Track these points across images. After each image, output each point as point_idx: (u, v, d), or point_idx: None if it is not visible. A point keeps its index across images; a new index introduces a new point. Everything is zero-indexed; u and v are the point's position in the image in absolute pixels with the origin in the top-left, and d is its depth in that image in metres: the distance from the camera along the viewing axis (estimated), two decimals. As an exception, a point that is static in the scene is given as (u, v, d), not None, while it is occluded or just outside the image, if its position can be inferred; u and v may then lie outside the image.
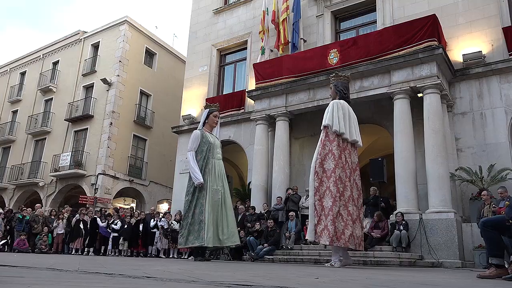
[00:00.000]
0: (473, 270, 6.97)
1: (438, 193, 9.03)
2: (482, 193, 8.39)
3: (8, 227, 13.62)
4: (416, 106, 9.99)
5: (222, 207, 6.63)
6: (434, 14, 10.09)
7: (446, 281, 3.09)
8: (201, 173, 6.57)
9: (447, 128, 10.15)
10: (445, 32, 10.59)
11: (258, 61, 13.54)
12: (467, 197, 9.73)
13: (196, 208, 6.48)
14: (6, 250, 12.88)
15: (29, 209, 14.35)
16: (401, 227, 8.84)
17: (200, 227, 6.38)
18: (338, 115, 5.99)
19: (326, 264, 5.95)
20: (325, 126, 6.01)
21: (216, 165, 6.84)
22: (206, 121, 7.15)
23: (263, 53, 13.84)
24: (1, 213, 13.80)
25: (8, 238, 13.49)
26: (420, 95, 9.93)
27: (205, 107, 7.46)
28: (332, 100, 6.40)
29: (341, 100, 6.27)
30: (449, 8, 11.17)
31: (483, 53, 10.43)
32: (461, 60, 10.60)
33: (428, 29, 9.86)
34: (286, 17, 13.52)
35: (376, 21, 12.61)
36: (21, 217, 13.41)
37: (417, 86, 9.80)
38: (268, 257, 9.81)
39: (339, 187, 5.67)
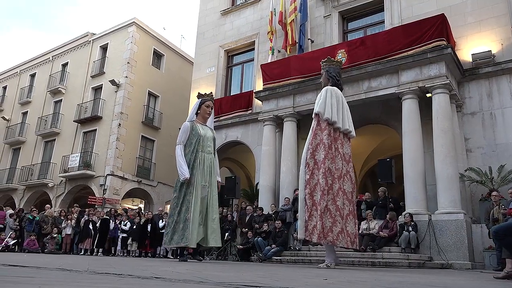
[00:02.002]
0: (483, 271, 6.91)
1: (447, 193, 8.96)
2: (492, 194, 8.30)
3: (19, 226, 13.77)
4: (425, 106, 9.92)
5: (209, 205, 6.20)
6: (443, 14, 10.02)
7: (456, 282, 3.06)
8: (189, 167, 6.16)
9: (456, 128, 10.07)
10: (454, 31, 10.52)
11: (268, 61, 13.56)
12: (476, 198, 9.64)
13: (183, 206, 6.08)
14: (16, 250, 13.01)
15: (35, 210, 14.47)
16: (410, 228, 8.78)
17: (185, 225, 5.97)
18: (331, 103, 5.52)
19: (321, 265, 5.41)
20: (316, 114, 5.55)
21: (206, 159, 6.35)
22: (198, 111, 6.63)
23: (273, 53, 13.86)
24: (12, 213, 13.94)
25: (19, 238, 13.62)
26: (429, 95, 9.87)
27: (198, 97, 6.88)
28: (323, 86, 5.91)
29: (334, 87, 5.82)
30: (457, 7, 11.09)
31: (492, 52, 10.33)
32: (470, 60, 10.52)
33: (436, 28, 9.79)
34: (294, 18, 13.52)
35: (384, 21, 12.56)
36: (31, 218, 13.55)
37: (425, 86, 9.73)
38: (276, 258, 9.80)
39: (328, 180, 5.20)
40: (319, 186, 5.20)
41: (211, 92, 7.11)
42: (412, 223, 8.83)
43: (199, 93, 6.98)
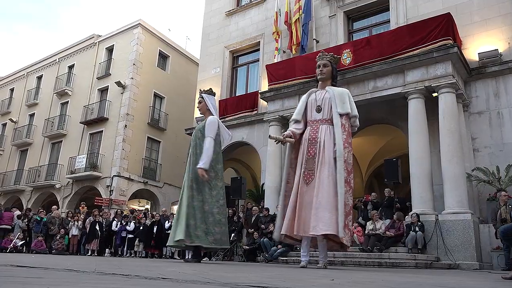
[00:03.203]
0: (491, 272, 6.87)
1: (454, 193, 8.91)
2: (501, 193, 8.24)
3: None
4: (431, 106, 9.87)
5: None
6: (449, 13, 9.97)
7: (465, 283, 3.04)
8: None
9: (463, 128, 10.01)
10: (460, 30, 10.46)
11: (273, 62, 13.56)
12: (484, 197, 9.58)
13: None
14: (24, 250, 13.11)
15: (43, 211, 14.57)
16: (417, 228, 8.74)
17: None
18: None
19: (320, 265, 5.16)
20: (349, 115, 5.15)
21: (191, 157, 6.04)
22: None
23: (279, 53, 13.87)
24: (20, 215, 14.04)
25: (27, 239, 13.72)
26: (435, 94, 9.82)
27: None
28: (324, 80, 5.54)
29: None
30: (463, 6, 11.03)
31: (499, 51, 10.26)
32: (477, 59, 10.45)
33: (442, 27, 9.74)
34: (298, 18, 13.51)
35: (389, 21, 12.52)
36: (39, 219, 13.65)
37: (432, 85, 9.68)
38: (282, 258, 9.79)
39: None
40: (351, 190, 4.99)
41: (200, 89, 6.84)
42: (419, 223, 8.79)
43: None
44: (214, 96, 6.50)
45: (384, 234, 9.23)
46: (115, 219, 13.94)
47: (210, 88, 6.62)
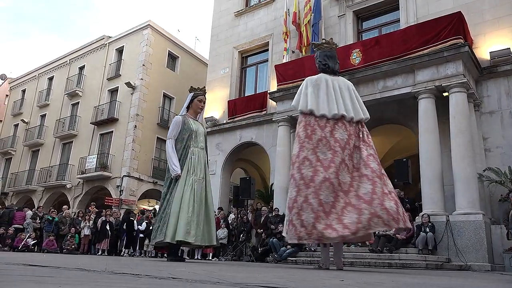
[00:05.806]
0: (503, 273, 6.78)
1: (465, 194, 8.82)
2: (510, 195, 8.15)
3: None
4: (442, 106, 9.78)
5: (203, 201, 5.80)
6: (460, 11, 9.87)
7: (476, 285, 3.01)
8: (179, 162, 5.77)
9: (474, 128, 9.90)
10: (471, 29, 10.35)
11: (282, 62, 13.55)
12: (496, 198, 9.47)
13: (170, 202, 5.65)
14: (36, 250, 13.27)
15: (54, 211, 14.71)
16: (427, 229, 8.67)
17: (164, 220, 5.59)
18: (308, 92, 5.17)
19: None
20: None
21: (199, 154, 6.00)
22: (190, 105, 6.25)
23: (288, 53, 13.86)
24: (32, 214, 14.20)
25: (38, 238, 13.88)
26: (445, 94, 9.73)
27: (190, 91, 6.41)
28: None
29: (318, 75, 5.41)
30: (475, 5, 10.92)
31: (511, 50, 10.14)
32: (488, 58, 10.34)
33: (453, 26, 9.65)
34: (310, 19, 13.48)
35: (399, 20, 12.43)
36: (50, 218, 13.81)
37: (442, 85, 9.60)
38: (291, 259, 9.78)
39: (304, 173, 4.50)
40: (294, 182, 4.59)
41: (204, 87, 6.81)
42: (430, 224, 8.72)
43: (191, 87, 6.64)
44: (193, 92, 6.35)
45: (394, 236, 9.17)
46: (132, 218, 13.91)
47: (193, 87, 6.58)
